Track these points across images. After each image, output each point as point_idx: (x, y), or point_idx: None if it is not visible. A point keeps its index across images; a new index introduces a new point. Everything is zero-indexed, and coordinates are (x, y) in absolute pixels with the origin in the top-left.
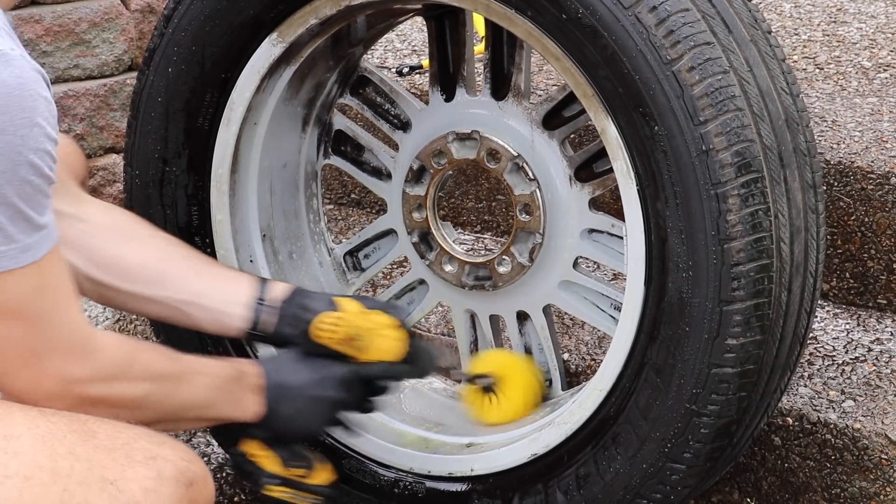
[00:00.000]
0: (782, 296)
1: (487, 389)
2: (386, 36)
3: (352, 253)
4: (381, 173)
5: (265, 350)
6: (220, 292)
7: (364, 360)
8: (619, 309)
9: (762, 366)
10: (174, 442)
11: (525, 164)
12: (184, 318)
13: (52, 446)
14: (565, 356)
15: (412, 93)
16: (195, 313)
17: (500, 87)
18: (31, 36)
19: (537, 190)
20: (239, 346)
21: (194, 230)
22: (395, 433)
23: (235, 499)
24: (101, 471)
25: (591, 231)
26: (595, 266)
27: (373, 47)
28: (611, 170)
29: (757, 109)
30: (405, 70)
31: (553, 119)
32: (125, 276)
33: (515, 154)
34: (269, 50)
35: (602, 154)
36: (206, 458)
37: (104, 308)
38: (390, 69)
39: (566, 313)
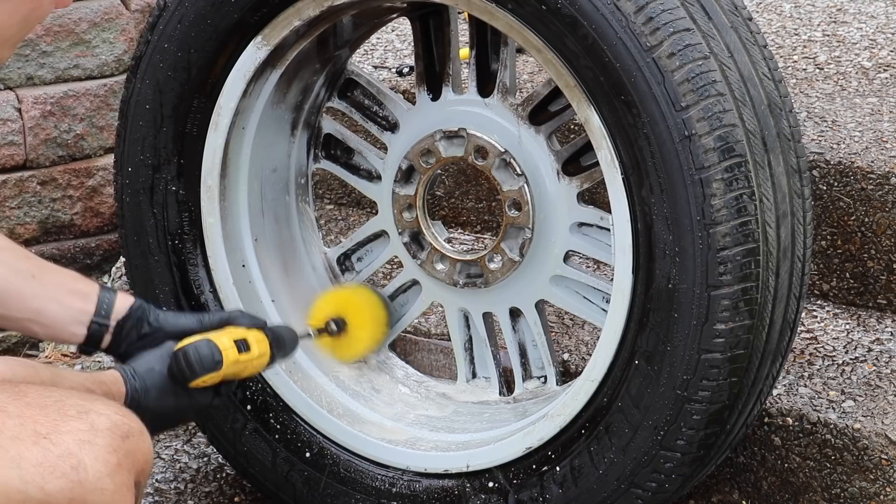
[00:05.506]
0: (770, 280)
1: (336, 333)
2: (386, 36)
3: (345, 256)
4: (371, 175)
5: None
6: (58, 311)
7: None
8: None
9: (752, 351)
10: (105, 399)
11: (513, 160)
12: (29, 334)
13: None
14: (565, 356)
15: (399, 93)
16: (37, 331)
17: (486, 84)
18: (31, 36)
19: (525, 185)
20: None
21: (185, 236)
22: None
23: (236, 499)
24: (33, 426)
25: (581, 225)
26: (595, 266)
27: (373, 48)
28: (598, 163)
29: (738, 94)
30: (405, 70)
31: (539, 114)
32: None
33: (503, 150)
34: (254, 53)
35: (589, 147)
36: (205, 458)
37: None
38: (390, 69)
39: (566, 313)
